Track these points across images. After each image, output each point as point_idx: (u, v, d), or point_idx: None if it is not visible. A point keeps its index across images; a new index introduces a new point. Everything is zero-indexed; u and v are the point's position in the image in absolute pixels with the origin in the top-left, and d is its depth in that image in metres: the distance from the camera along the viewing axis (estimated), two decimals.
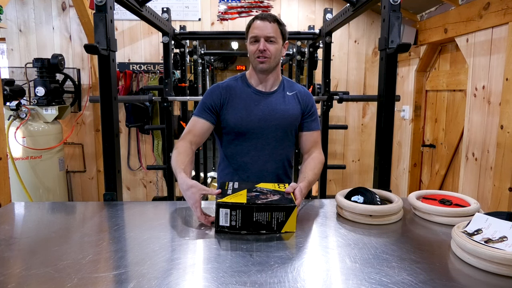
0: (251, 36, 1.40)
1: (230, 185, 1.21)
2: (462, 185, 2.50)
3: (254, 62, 1.42)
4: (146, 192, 3.91)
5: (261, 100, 1.47)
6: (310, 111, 1.52)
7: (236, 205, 1.04)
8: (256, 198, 1.09)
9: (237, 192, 1.14)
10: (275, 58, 1.42)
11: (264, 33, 1.37)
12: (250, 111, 1.44)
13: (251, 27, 1.40)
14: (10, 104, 3.03)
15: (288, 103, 1.48)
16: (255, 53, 1.40)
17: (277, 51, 1.41)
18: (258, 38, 1.38)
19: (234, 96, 1.46)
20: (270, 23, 1.38)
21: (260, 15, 1.40)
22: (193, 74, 3.55)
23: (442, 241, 1.02)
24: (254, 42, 1.40)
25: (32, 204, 1.49)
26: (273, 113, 1.45)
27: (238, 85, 1.49)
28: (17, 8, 3.57)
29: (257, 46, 1.38)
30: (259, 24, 1.38)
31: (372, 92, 3.72)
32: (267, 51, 1.38)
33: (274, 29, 1.38)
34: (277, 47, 1.40)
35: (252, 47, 1.40)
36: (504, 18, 2.01)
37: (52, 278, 0.81)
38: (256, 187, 1.20)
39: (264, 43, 1.37)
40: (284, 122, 1.46)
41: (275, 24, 1.39)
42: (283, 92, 1.50)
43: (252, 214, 1.04)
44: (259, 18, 1.39)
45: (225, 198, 1.08)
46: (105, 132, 1.47)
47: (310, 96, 1.54)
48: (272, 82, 1.48)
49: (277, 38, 1.39)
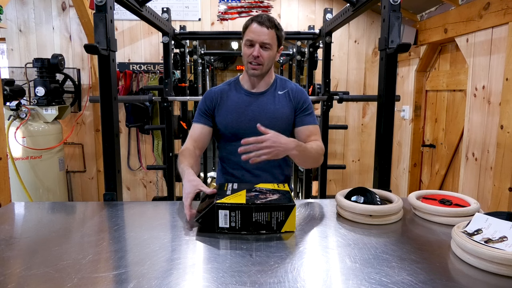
0: (246, 39, 1.40)
1: (230, 186, 1.21)
2: (462, 185, 2.50)
3: (247, 66, 1.44)
4: (146, 192, 3.91)
5: (252, 101, 1.48)
6: (303, 107, 1.51)
7: (235, 206, 1.04)
8: (255, 198, 1.09)
9: (236, 193, 1.14)
10: (268, 65, 1.43)
11: (260, 39, 1.37)
12: (241, 112, 1.47)
13: (248, 29, 1.40)
14: (10, 104, 3.04)
15: (278, 103, 1.49)
16: (248, 57, 1.41)
17: (270, 58, 1.42)
18: (253, 43, 1.39)
19: (226, 98, 1.50)
20: (267, 29, 1.37)
21: (259, 18, 1.39)
22: (193, 74, 3.55)
23: (442, 241, 1.02)
24: (249, 46, 1.40)
25: (32, 204, 1.49)
26: (263, 114, 1.46)
27: (231, 88, 1.53)
28: (17, 8, 3.57)
29: (252, 51, 1.39)
30: (256, 28, 1.38)
31: (372, 92, 3.72)
32: (260, 57, 1.39)
33: (271, 36, 1.38)
34: (271, 53, 1.41)
35: (246, 50, 1.41)
36: (504, 18, 2.01)
37: (52, 278, 0.81)
38: (255, 187, 1.20)
39: (258, 49, 1.38)
40: (275, 122, 1.46)
41: (272, 30, 1.39)
42: (274, 92, 1.51)
43: (251, 215, 1.04)
44: (257, 22, 1.38)
45: (224, 199, 1.08)
46: (105, 132, 1.47)
47: (302, 92, 1.54)
48: (264, 84, 1.50)
49: (272, 45, 1.40)
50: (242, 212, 1.04)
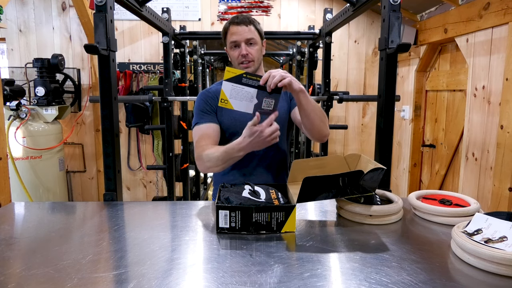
0: (230, 41, 1.41)
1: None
2: (462, 185, 2.50)
3: (238, 67, 1.44)
4: (146, 192, 3.91)
5: None
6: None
7: (235, 206, 1.04)
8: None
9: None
10: (258, 60, 1.44)
11: (244, 37, 1.38)
12: (241, 113, 1.45)
13: (228, 33, 1.41)
14: (10, 104, 3.04)
15: None
16: (238, 58, 1.41)
17: (258, 52, 1.43)
18: (238, 43, 1.40)
19: None
20: (246, 26, 1.39)
21: (235, 20, 1.40)
22: (193, 74, 3.55)
23: (442, 241, 1.02)
24: (235, 47, 1.41)
25: (32, 204, 1.49)
26: None
27: None
28: (17, 8, 3.57)
29: (239, 51, 1.40)
30: (236, 29, 1.39)
31: (372, 92, 3.73)
32: (249, 54, 1.40)
33: (252, 31, 1.40)
34: (257, 48, 1.42)
35: (233, 52, 1.42)
36: (504, 18, 2.01)
37: (52, 278, 0.81)
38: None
39: (245, 47, 1.39)
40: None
41: (251, 26, 1.40)
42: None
43: (252, 215, 1.04)
44: (235, 23, 1.39)
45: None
46: (105, 132, 1.47)
47: None
48: None
49: (256, 39, 1.41)
50: (242, 213, 1.04)
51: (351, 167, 1.36)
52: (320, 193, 1.10)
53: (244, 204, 1.05)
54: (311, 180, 1.04)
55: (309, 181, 1.04)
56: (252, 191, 1.16)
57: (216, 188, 1.43)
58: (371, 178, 1.09)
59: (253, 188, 1.18)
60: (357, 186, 1.09)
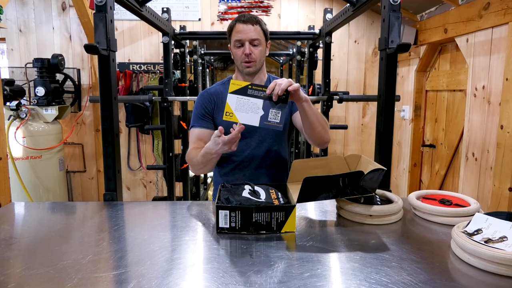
0: (235, 40, 1.41)
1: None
2: (462, 185, 2.50)
3: (240, 65, 1.44)
4: (146, 192, 3.91)
5: None
6: None
7: (235, 206, 1.04)
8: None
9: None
10: (260, 60, 1.44)
11: (248, 36, 1.38)
12: None
13: (234, 31, 1.41)
14: (10, 104, 3.04)
15: None
16: (241, 56, 1.42)
17: (261, 53, 1.43)
18: (242, 42, 1.40)
19: (223, 99, 1.49)
20: (253, 25, 1.39)
21: (242, 17, 1.40)
22: (193, 74, 3.55)
23: (442, 241, 1.02)
24: (239, 46, 1.41)
25: (32, 204, 1.49)
26: None
27: (226, 89, 1.51)
28: (17, 8, 3.57)
29: (243, 50, 1.40)
30: (242, 27, 1.39)
31: (372, 92, 3.73)
32: (252, 54, 1.40)
33: (258, 32, 1.40)
34: (261, 49, 1.43)
35: (237, 50, 1.42)
36: (504, 18, 2.01)
37: (52, 278, 0.81)
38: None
39: (249, 46, 1.39)
40: None
41: (257, 26, 1.40)
42: None
43: (252, 215, 1.04)
44: (242, 21, 1.40)
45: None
46: (105, 132, 1.47)
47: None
48: (258, 82, 1.50)
49: (261, 40, 1.41)
50: (242, 213, 1.04)
51: (351, 168, 1.36)
52: (320, 193, 1.10)
53: (244, 204, 1.05)
54: (311, 180, 1.05)
55: (309, 181, 1.04)
56: (252, 191, 1.16)
57: (216, 188, 1.43)
58: (371, 178, 1.09)
59: (253, 188, 1.18)
60: (357, 187, 1.09)
